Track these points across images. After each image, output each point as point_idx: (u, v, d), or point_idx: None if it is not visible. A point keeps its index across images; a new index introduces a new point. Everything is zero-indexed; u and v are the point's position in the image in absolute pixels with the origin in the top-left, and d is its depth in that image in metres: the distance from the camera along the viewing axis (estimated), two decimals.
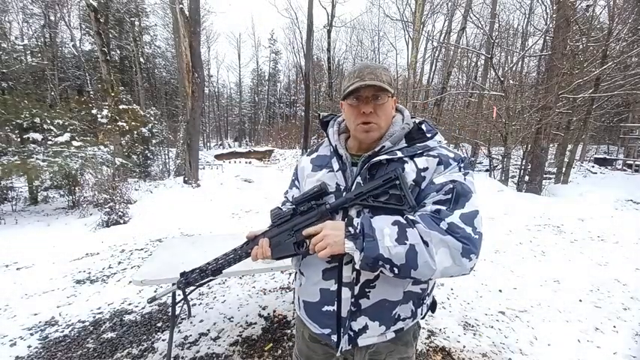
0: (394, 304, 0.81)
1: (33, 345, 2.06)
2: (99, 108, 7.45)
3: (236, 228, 4.92)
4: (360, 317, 0.81)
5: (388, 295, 0.80)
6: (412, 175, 0.78)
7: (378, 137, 0.85)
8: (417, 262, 0.68)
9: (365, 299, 0.80)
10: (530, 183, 7.68)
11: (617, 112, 13.88)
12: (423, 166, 0.79)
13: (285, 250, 0.82)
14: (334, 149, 0.90)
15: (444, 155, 0.80)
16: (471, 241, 0.70)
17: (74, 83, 19.10)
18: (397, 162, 0.80)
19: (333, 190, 0.85)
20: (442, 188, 0.75)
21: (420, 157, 0.80)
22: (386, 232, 0.70)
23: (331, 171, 0.88)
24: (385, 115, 0.83)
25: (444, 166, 0.78)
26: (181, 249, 2.06)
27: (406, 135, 0.85)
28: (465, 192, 0.75)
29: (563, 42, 7.32)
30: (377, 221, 0.72)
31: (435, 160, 0.79)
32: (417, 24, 11.69)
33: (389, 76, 0.83)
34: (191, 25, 7.86)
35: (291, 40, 31.39)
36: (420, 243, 0.68)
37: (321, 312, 0.84)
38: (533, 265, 3.34)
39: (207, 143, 30.82)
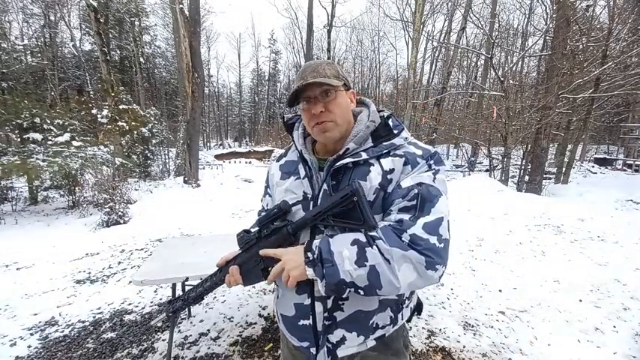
0: (370, 314, 0.78)
1: (33, 345, 2.06)
2: (99, 108, 7.46)
3: (236, 228, 4.90)
4: (336, 330, 0.78)
5: (363, 306, 0.77)
6: (378, 179, 0.74)
7: (339, 135, 0.80)
8: (380, 283, 0.66)
9: (339, 312, 0.77)
10: (530, 183, 7.69)
11: (617, 112, 13.88)
12: (388, 167, 0.75)
13: (254, 277, 0.80)
14: (300, 154, 0.85)
15: (411, 154, 0.75)
16: (434, 252, 0.66)
17: (74, 83, 19.10)
18: (363, 165, 0.76)
19: (300, 199, 0.81)
20: (408, 194, 0.71)
21: (386, 157, 0.76)
22: (345, 254, 0.67)
23: (298, 178, 0.83)
24: (340, 110, 0.78)
25: (410, 165, 0.74)
26: (181, 249, 2.06)
27: (372, 133, 0.80)
28: (430, 196, 0.70)
29: (563, 42, 7.32)
30: (336, 243, 0.69)
31: (401, 160, 0.75)
32: (417, 24, 11.69)
33: (334, 69, 0.79)
34: (191, 25, 7.87)
35: (291, 40, 31.44)
36: (381, 262, 0.66)
37: (297, 326, 0.82)
38: (533, 265, 3.34)
39: (207, 143, 30.83)
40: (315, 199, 0.79)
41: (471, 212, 5.66)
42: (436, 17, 20.32)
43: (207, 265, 1.76)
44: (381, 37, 27.28)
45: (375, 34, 27.18)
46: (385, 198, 0.74)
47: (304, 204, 0.80)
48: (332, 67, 0.79)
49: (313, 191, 0.80)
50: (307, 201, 0.80)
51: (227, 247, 2.15)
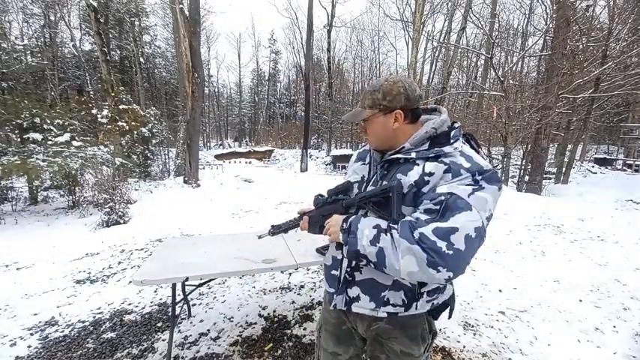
0: (383, 287, 0.93)
1: (33, 345, 2.06)
2: (99, 108, 7.45)
3: (236, 228, 4.92)
4: (354, 287, 0.97)
5: (377, 277, 0.93)
6: (415, 177, 0.85)
7: (376, 146, 1.01)
8: (384, 262, 0.79)
9: (358, 273, 0.96)
10: (530, 183, 7.69)
11: (617, 112, 13.89)
12: (429, 170, 0.84)
13: (314, 229, 1.05)
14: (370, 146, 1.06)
15: (456, 164, 0.82)
16: (439, 254, 0.73)
17: (74, 83, 19.10)
18: (410, 163, 0.89)
19: (359, 179, 1.03)
20: (436, 198, 0.78)
21: (432, 161, 0.85)
22: (365, 232, 0.83)
23: (364, 163, 1.06)
24: (372, 132, 0.97)
25: (452, 174, 0.81)
26: (181, 249, 2.06)
27: (433, 138, 0.91)
28: (455, 207, 0.76)
29: (563, 42, 7.32)
30: (363, 222, 0.86)
31: (443, 167, 0.83)
32: (417, 24, 11.69)
33: (372, 98, 0.93)
34: (191, 25, 7.87)
35: (291, 40, 31.41)
36: (389, 247, 0.78)
37: (330, 274, 1.04)
38: (533, 265, 3.34)
39: (207, 143, 30.83)
40: (368, 182, 0.99)
41: None
42: (436, 17, 20.31)
43: (207, 265, 1.76)
44: (381, 37, 27.28)
45: (375, 34, 27.18)
46: (419, 196, 0.84)
47: (360, 184, 1.02)
48: (372, 95, 0.94)
49: (369, 175, 1.02)
50: (363, 182, 1.02)
51: (227, 247, 2.14)
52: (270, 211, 5.95)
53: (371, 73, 29.82)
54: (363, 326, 1.02)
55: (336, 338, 1.10)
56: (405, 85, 0.91)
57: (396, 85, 0.91)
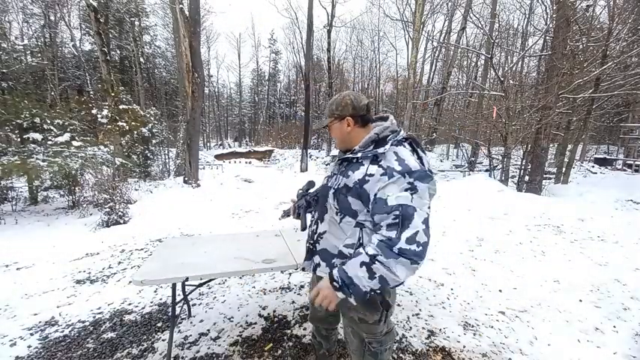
0: (332, 256, 1.19)
1: (33, 345, 2.06)
2: (99, 108, 7.45)
3: (236, 228, 4.92)
4: (315, 255, 1.26)
5: (328, 248, 1.21)
6: (359, 176, 1.10)
7: (342, 146, 1.26)
8: (387, 282, 0.99)
9: (318, 244, 1.26)
10: (530, 183, 7.69)
11: (617, 112, 13.89)
12: (370, 172, 1.08)
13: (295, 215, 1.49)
14: None
15: (390, 168, 1.05)
16: (416, 254, 0.97)
17: (74, 83, 19.10)
18: (357, 162, 1.14)
19: (329, 175, 1.31)
20: (391, 212, 0.99)
21: (374, 164, 1.09)
22: (360, 275, 1.00)
23: (333, 162, 1.31)
24: (333, 135, 1.25)
25: (387, 176, 1.04)
26: (181, 249, 2.06)
27: (377, 141, 1.14)
28: (408, 215, 0.98)
29: (563, 42, 7.32)
30: (349, 269, 1.02)
31: (381, 170, 1.06)
32: (417, 24, 11.69)
33: (331, 108, 1.22)
34: (191, 25, 7.87)
35: (291, 40, 31.39)
36: (385, 271, 0.97)
37: (307, 247, 1.35)
38: (533, 265, 3.34)
39: (207, 143, 30.83)
40: (330, 177, 1.27)
41: (471, 212, 5.66)
42: (436, 17, 20.30)
43: (207, 265, 1.76)
44: (381, 37, 27.22)
45: (375, 34, 27.15)
46: (361, 192, 1.08)
47: (329, 178, 1.28)
48: (330, 106, 1.22)
49: (332, 171, 1.28)
50: (328, 177, 1.29)
51: (227, 247, 2.14)
52: (270, 211, 5.95)
53: (371, 73, 29.80)
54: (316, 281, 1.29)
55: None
56: (351, 98, 1.18)
57: (344, 98, 1.18)
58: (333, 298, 1.05)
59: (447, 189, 7.35)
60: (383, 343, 1.25)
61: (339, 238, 1.15)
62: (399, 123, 7.42)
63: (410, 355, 1.95)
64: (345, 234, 1.14)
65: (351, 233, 1.12)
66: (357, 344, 1.26)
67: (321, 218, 1.23)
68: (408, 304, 2.52)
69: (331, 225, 1.18)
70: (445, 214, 5.55)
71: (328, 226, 1.19)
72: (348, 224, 1.13)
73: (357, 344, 1.26)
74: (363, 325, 1.21)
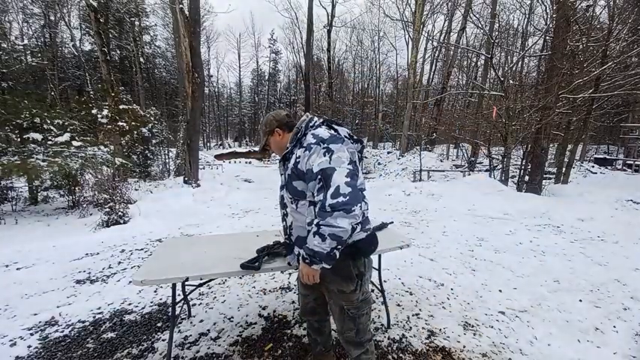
0: (304, 239, 1.29)
1: (33, 345, 2.06)
2: (99, 108, 7.45)
3: (236, 228, 4.92)
4: (294, 247, 1.42)
5: (300, 234, 1.36)
6: (293, 161, 1.31)
7: (277, 153, 1.51)
8: (338, 235, 1.14)
9: (292, 236, 1.42)
10: (530, 183, 7.68)
11: (617, 112, 13.89)
12: (298, 155, 1.30)
13: None
14: None
15: (309, 143, 1.26)
16: (344, 203, 1.13)
17: (74, 83, 19.10)
18: (290, 155, 1.35)
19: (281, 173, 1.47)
20: (316, 177, 1.19)
21: (300, 147, 1.31)
22: (315, 243, 1.17)
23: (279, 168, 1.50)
24: (272, 147, 1.53)
25: (307, 150, 1.25)
26: (181, 249, 2.06)
27: (297, 133, 1.37)
28: (327, 175, 1.16)
29: (563, 42, 7.32)
30: (309, 244, 1.20)
31: (303, 149, 1.28)
32: (417, 24, 11.70)
33: (262, 128, 1.51)
34: (191, 25, 7.86)
35: (291, 40, 31.37)
36: (330, 230, 1.14)
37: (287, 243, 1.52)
38: (533, 265, 3.34)
39: (207, 143, 30.83)
40: (281, 181, 1.45)
41: (471, 212, 5.66)
42: (436, 17, 20.30)
43: (207, 265, 1.76)
44: (381, 37, 27.24)
45: (375, 34, 27.16)
46: (298, 173, 1.28)
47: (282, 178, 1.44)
48: (261, 127, 1.52)
49: (280, 174, 1.47)
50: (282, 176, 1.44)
51: (227, 247, 2.14)
52: (270, 211, 5.96)
53: (371, 73, 29.83)
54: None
55: (302, 284, 1.54)
56: (272, 115, 1.48)
57: (267, 117, 1.49)
58: (312, 272, 1.23)
59: (447, 189, 7.35)
60: (359, 308, 1.39)
61: (303, 222, 1.31)
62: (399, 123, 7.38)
63: (410, 355, 1.95)
64: (304, 215, 1.30)
65: (308, 212, 1.28)
66: (338, 312, 1.40)
67: (285, 213, 1.41)
68: (408, 304, 2.52)
69: (293, 214, 1.35)
70: (445, 214, 5.55)
71: (292, 216, 1.36)
72: (303, 206, 1.30)
73: (338, 312, 1.40)
74: (342, 295, 1.36)
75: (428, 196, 7.07)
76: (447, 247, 3.87)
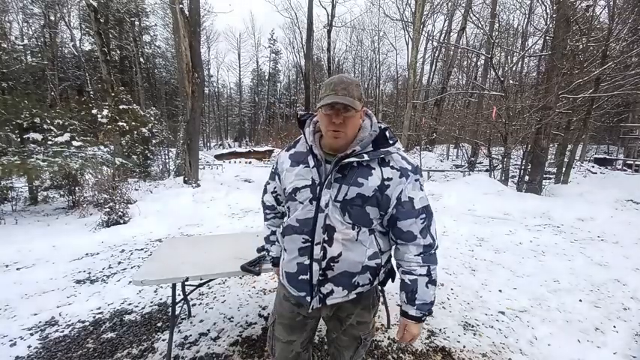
0: (354, 275, 1.03)
1: (33, 345, 2.06)
2: (99, 108, 7.45)
3: (236, 228, 4.92)
4: (327, 284, 1.03)
5: (349, 268, 1.02)
6: (377, 182, 0.96)
7: (344, 143, 0.98)
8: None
9: (330, 271, 1.02)
10: (530, 183, 7.68)
11: (617, 112, 13.88)
12: (387, 176, 0.97)
13: None
14: (310, 148, 1.03)
15: (404, 168, 0.99)
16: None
17: (74, 83, 19.10)
18: (365, 167, 0.97)
19: (309, 183, 1.01)
20: (419, 215, 1.00)
21: (385, 166, 0.98)
22: (431, 294, 1.02)
23: (307, 167, 1.02)
24: (352, 126, 0.97)
25: (405, 178, 0.98)
26: (181, 249, 2.06)
27: (373, 140, 1.00)
28: (430, 214, 1.03)
29: (563, 42, 7.32)
30: (425, 296, 1.01)
31: (397, 172, 0.98)
32: (417, 24, 11.69)
33: (359, 91, 0.95)
34: (191, 25, 7.86)
35: (291, 40, 31.40)
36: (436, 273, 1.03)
37: (297, 280, 1.06)
38: (533, 265, 3.34)
39: (207, 143, 30.84)
40: (322, 185, 0.98)
41: (471, 212, 5.66)
42: (436, 17, 20.28)
43: (207, 265, 1.76)
44: (381, 37, 27.22)
45: (375, 34, 27.16)
46: (382, 199, 0.98)
47: (312, 188, 1.00)
48: (359, 89, 0.96)
49: (320, 179, 0.99)
50: (315, 186, 1.00)
51: (227, 247, 2.14)
52: None
53: (371, 73, 29.81)
54: (327, 310, 1.13)
55: (289, 329, 1.19)
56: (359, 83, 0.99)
57: (356, 82, 0.96)
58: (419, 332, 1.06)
59: (447, 189, 7.35)
60: (372, 333, 1.25)
61: (362, 255, 1.01)
62: (399, 123, 7.37)
63: (410, 355, 1.95)
64: (364, 246, 1.01)
65: (370, 243, 1.02)
66: (351, 343, 1.20)
67: (330, 241, 0.99)
68: None
69: (347, 243, 1.00)
70: (445, 214, 5.55)
71: (342, 245, 1.00)
72: (364, 235, 1.00)
73: (351, 343, 1.20)
74: (362, 326, 1.16)
75: (428, 196, 7.05)
76: (447, 247, 3.87)
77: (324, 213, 0.97)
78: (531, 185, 7.56)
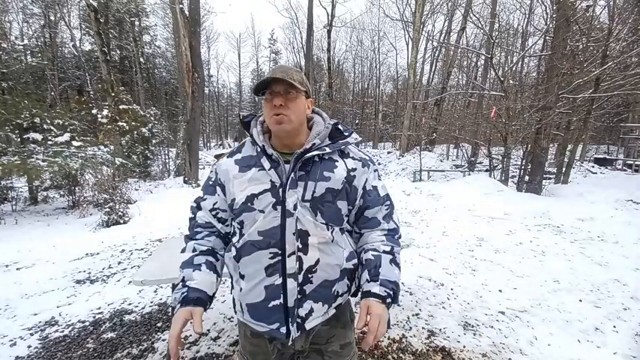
0: (333, 282, 0.90)
1: (33, 345, 2.06)
2: (99, 108, 7.46)
3: None
4: (305, 302, 0.87)
5: (328, 276, 0.89)
6: (343, 174, 0.91)
7: (290, 129, 0.89)
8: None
9: (309, 284, 0.87)
10: (530, 183, 7.68)
11: (617, 112, 13.89)
12: (351, 167, 0.94)
13: None
14: (262, 149, 0.92)
15: (364, 159, 0.98)
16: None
17: (74, 83, 19.09)
18: (328, 160, 0.92)
19: (268, 187, 0.88)
20: (384, 202, 0.98)
21: (347, 158, 0.95)
22: (396, 274, 0.91)
23: (262, 169, 0.90)
24: (296, 109, 0.88)
25: (367, 167, 0.97)
26: (181, 249, 2.06)
27: (329, 135, 0.96)
28: (391, 199, 1.02)
29: (563, 42, 7.32)
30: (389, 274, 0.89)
31: (359, 162, 0.96)
32: (417, 24, 11.70)
33: (300, 77, 0.91)
34: (191, 25, 7.87)
35: (291, 40, 31.40)
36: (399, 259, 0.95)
37: (267, 309, 0.88)
38: (533, 265, 3.34)
39: (207, 143, 30.83)
40: (285, 187, 0.87)
41: (471, 212, 5.66)
42: (436, 17, 20.31)
43: None
44: (381, 37, 27.27)
45: (375, 34, 27.19)
46: (350, 190, 0.93)
47: (273, 191, 0.87)
48: (299, 74, 0.91)
49: (281, 179, 0.88)
50: (276, 188, 0.87)
51: None
52: None
53: (371, 73, 29.83)
54: (301, 341, 0.92)
55: None
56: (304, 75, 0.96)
57: (297, 70, 0.93)
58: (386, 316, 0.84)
59: (447, 189, 7.35)
60: (356, 351, 1.07)
61: (340, 258, 0.91)
62: (399, 123, 7.33)
63: (410, 355, 1.95)
64: (341, 247, 0.91)
65: (345, 243, 0.93)
66: None
67: (304, 248, 0.86)
68: (408, 304, 2.52)
69: (323, 247, 0.88)
70: (445, 214, 5.55)
71: (319, 250, 0.87)
72: (338, 234, 0.91)
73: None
74: (346, 349, 1.00)
75: (428, 196, 7.06)
76: (447, 247, 3.87)
77: (293, 217, 0.85)
78: (531, 185, 7.56)
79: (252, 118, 1.03)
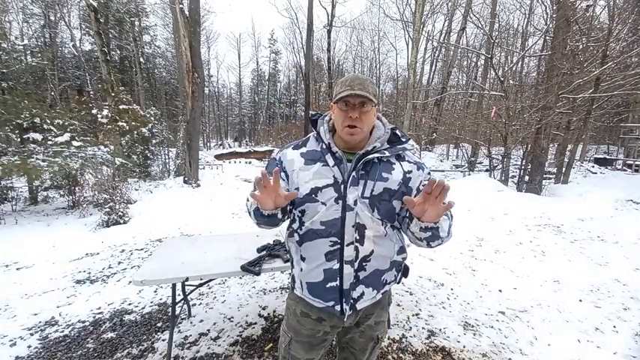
0: (383, 272, 1.03)
1: (33, 345, 2.06)
2: (99, 108, 7.45)
3: (236, 228, 4.91)
4: (358, 287, 1.00)
5: (379, 266, 1.02)
6: (400, 175, 1.00)
7: (361, 139, 1.00)
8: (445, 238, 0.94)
9: (363, 271, 1.00)
10: (530, 183, 7.68)
11: (617, 112, 13.88)
12: (407, 169, 1.02)
13: None
14: (327, 146, 1.02)
15: (418, 162, 1.06)
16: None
17: (74, 83, 19.08)
18: (386, 162, 1.01)
19: (331, 182, 0.98)
20: None
21: (402, 161, 1.03)
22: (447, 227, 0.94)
23: (326, 165, 1.00)
24: (368, 121, 0.98)
25: (422, 170, 1.04)
26: (181, 249, 2.06)
27: (387, 139, 1.05)
28: None
29: (563, 42, 7.32)
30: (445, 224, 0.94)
31: (415, 166, 1.04)
32: (417, 24, 11.70)
33: (375, 89, 0.99)
34: (191, 25, 7.86)
35: (291, 40, 31.41)
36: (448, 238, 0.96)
37: (325, 289, 1.00)
38: (533, 265, 3.34)
39: (207, 143, 30.81)
40: (346, 183, 0.97)
41: (471, 212, 5.66)
42: (436, 17, 20.30)
43: (207, 265, 1.76)
44: (381, 37, 27.29)
45: (375, 34, 27.19)
46: (406, 192, 1.00)
47: (335, 187, 0.98)
48: (374, 86, 0.99)
49: (343, 176, 0.98)
50: (338, 184, 0.98)
51: (227, 247, 2.14)
52: None
53: (371, 73, 29.80)
54: (351, 318, 1.06)
55: (308, 346, 1.11)
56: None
57: (371, 80, 1.01)
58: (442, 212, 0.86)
59: None
60: (386, 330, 1.23)
61: (391, 250, 1.02)
62: (399, 123, 7.38)
63: (410, 355, 1.95)
64: (392, 241, 1.02)
65: (396, 238, 1.03)
66: (367, 345, 1.17)
67: (361, 240, 0.97)
68: (408, 304, 2.52)
69: (377, 240, 0.99)
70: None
71: (374, 243, 0.99)
72: (390, 230, 1.01)
73: (367, 345, 1.17)
74: (379, 326, 1.15)
75: None
76: (447, 247, 3.87)
77: (353, 211, 0.96)
78: (531, 185, 7.56)
79: (319, 117, 1.12)
